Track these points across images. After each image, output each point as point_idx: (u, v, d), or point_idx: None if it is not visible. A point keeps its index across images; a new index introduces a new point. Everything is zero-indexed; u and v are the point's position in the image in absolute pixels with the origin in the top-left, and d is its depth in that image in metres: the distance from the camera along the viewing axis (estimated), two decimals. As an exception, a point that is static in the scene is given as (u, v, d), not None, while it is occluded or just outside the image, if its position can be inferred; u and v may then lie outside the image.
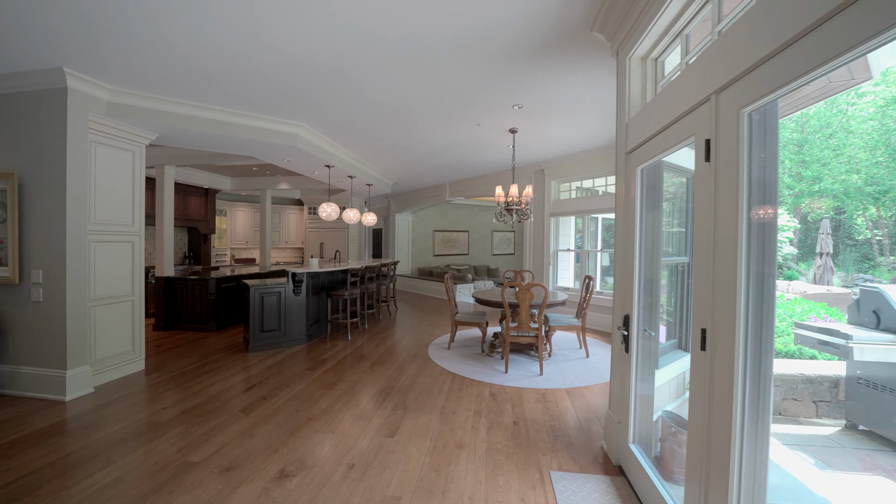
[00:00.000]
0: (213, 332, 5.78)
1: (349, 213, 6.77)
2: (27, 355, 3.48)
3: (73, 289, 3.44)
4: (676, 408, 2.81)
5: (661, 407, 2.54)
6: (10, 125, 3.48)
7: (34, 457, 2.49)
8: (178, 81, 3.49)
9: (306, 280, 5.20)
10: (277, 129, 4.53)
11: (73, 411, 3.15)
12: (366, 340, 5.40)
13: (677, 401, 2.86)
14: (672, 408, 2.76)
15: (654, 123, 1.98)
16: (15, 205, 3.41)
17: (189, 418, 3.04)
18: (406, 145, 5.64)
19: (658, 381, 2.44)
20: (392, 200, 11.03)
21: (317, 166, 5.80)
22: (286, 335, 5.04)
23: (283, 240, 10.12)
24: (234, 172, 7.85)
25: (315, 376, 3.98)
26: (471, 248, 12.85)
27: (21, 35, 2.76)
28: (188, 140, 4.44)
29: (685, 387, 3.04)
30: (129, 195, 3.99)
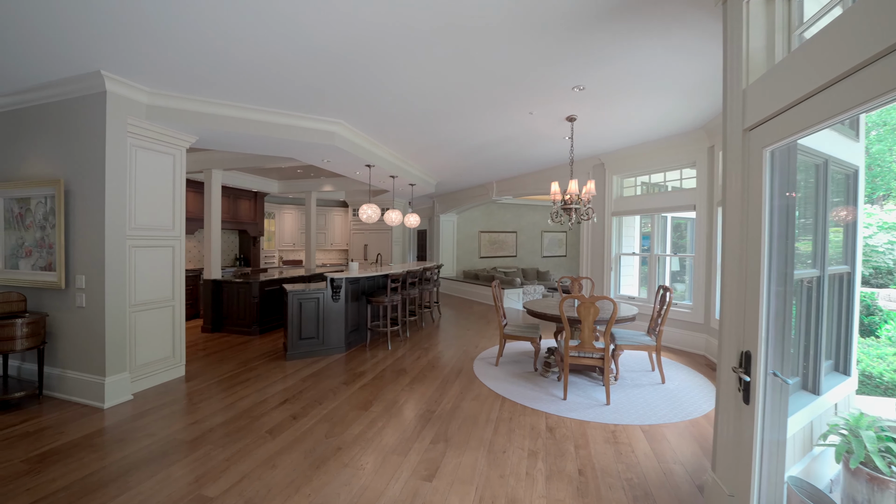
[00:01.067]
0: (256, 336, 5.73)
1: (391, 215, 6.48)
2: (72, 360, 3.48)
3: (112, 294, 3.38)
4: (803, 471, 2.11)
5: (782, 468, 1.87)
6: (57, 132, 3.50)
7: (56, 475, 2.35)
8: (215, 79, 3.32)
9: (345, 285, 4.94)
10: (314, 127, 4.29)
11: (108, 421, 3.05)
12: (406, 351, 5.04)
13: (803, 460, 2.16)
14: (798, 472, 2.07)
15: (806, 83, 1.36)
16: (61, 210, 3.41)
17: (215, 437, 2.81)
18: (450, 140, 5.21)
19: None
20: (436, 201, 10.68)
21: (357, 166, 5.54)
22: (324, 343, 4.81)
23: (328, 242, 10.14)
24: (281, 175, 7.89)
25: (350, 392, 3.65)
26: (519, 250, 12.19)
27: (58, 39, 2.67)
28: (227, 142, 4.33)
29: (813, 441, 2.31)
30: (169, 199, 3.92)
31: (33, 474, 2.37)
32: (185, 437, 2.84)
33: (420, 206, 11.72)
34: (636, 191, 6.04)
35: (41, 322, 3.42)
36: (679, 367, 4.38)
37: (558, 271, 12.77)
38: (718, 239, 4.57)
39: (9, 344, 3.23)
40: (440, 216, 10.66)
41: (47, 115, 3.54)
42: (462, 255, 11.30)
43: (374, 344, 5.33)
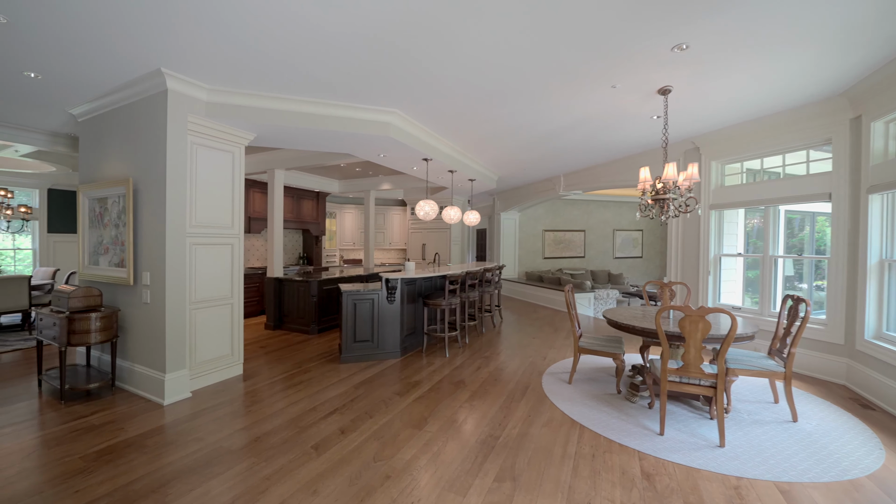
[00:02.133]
0: (314, 336, 5.68)
1: (449, 212, 6.10)
2: (139, 354, 3.55)
3: (172, 291, 3.38)
4: None
5: None
6: (127, 133, 3.60)
7: (104, 478, 2.27)
8: (269, 70, 3.17)
9: (401, 286, 4.64)
10: (368, 118, 4.03)
11: (164, 419, 3.01)
12: (466, 359, 4.61)
13: None
14: None
15: None
16: (130, 208, 3.49)
17: (260, 449, 2.60)
18: (515, 128, 4.68)
19: None
20: (497, 198, 10.14)
21: (414, 160, 5.24)
22: (379, 347, 4.55)
23: (386, 241, 10.09)
24: (341, 175, 7.91)
25: (404, 405, 3.30)
26: (587, 250, 11.20)
27: (120, 35, 2.65)
28: (284, 138, 4.23)
29: None
30: (228, 197, 3.89)
31: (85, 474, 2.32)
32: (232, 445, 2.67)
33: (480, 204, 11.25)
34: (741, 179, 5.01)
35: (113, 317, 3.53)
36: (812, 399, 3.43)
37: (633, 274, 11.55)
38: (872, 235, 3.51)
39: (85, 337, 3.35)
40: (501, 214, 10.10)
41: (119, 118, 3.66)
42: (524, 256, 10.63)
43: (431, 350, 4.97)
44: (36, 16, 2.44)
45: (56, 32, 2.63)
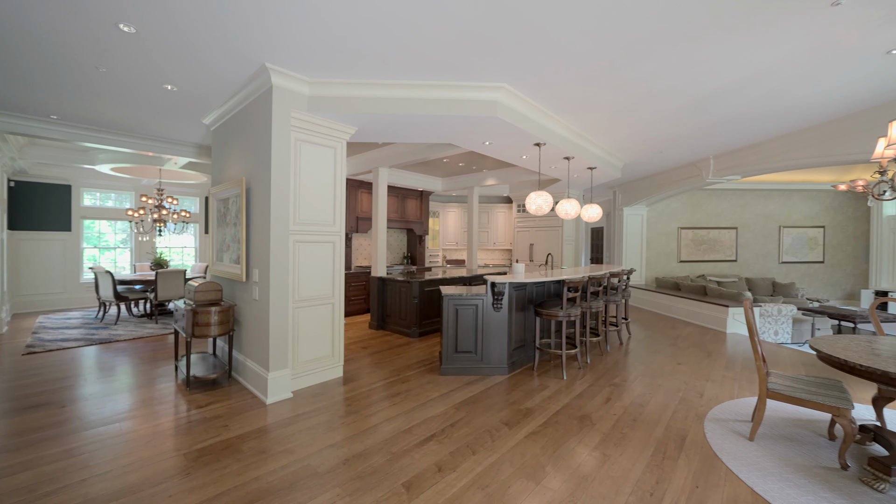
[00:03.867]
0: (415, 339, 5.39)
1: (565, 206, 5.22)
2: (250, 350, 3.61)
3: (276, 289, 3.32)
4: None
5: None
6: (243, 135, 3.70)
7: (195, 485, 2.13)
8: (366, 48, 2.85)
9: (509, 292, 3.99)
10: (472, 97, 3.48)
11: (263, 421, 2.90)
12: (589, 385, 3.72)
13: None
14: None
15: None
16: (243, 207, 3.56)
17: (347, 476, 2.24)
18: (656, 93, 3.63)
19: None
20: (618, 191, 8.73)
21: (524, 146, 4.53)
22: (483, 360, 3.97)
23: (490, 241, 9.52)
24: (445, 171, 7.61)
25: (513, 442, 2.65)
26: (741, 252, 8.94)
27: (228, 33, 2.59)
28: (384, 129, 3.96)
29: None
30: (330, 194, 3.76)
31: (182, 476, 2.23)
32: (320, 465, 2.36)
33: (597, 198, 9.92)
34: None
35: (230, 311, 3.65)
36: None
37: (810, 284, 8.85)
38: None
39: (206, 329, 3.50)
40: (624, 209, 8.66)
41: (238, 122, 3.80)
42: (654, 258, 8.95)
43: (544, 368, 4.20)
44: (159, 23, 2.49)
45: (176, 39, 2.69)
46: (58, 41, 2.75)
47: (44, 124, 4.40)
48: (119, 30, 2.60)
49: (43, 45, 2.81)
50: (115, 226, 7.98)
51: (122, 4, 2.34)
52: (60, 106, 4.02)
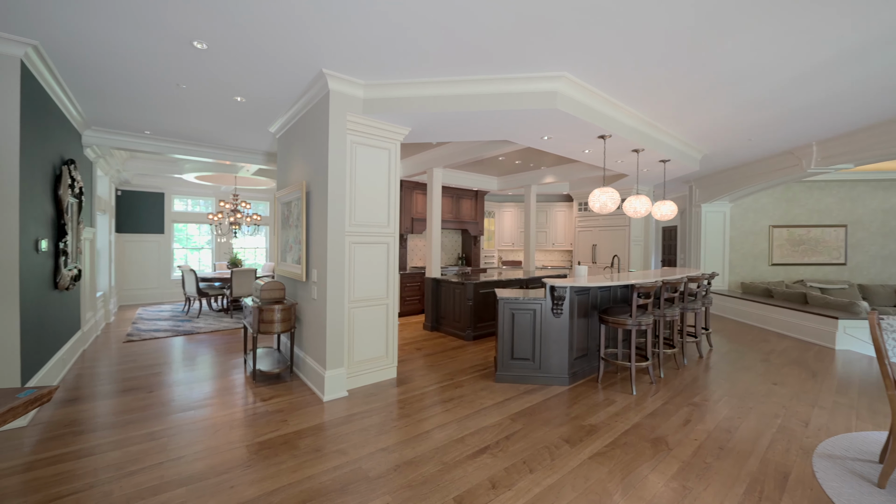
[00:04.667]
0: (469, 342, 5.27)
1: (634, 203, 4.77)
2: (309, 347, 3.73)
3: (332, 288, 3.38)
4: None
5: None
6: (304, 140, 3.84)
7: (253, 479, 2.19)
8: (419, 46, 2.79)
9: (570, 296, 3.71)
10: (529, 89, 3.28)
11: (320, 419, 2.95)
12: (663, 402, 3.33)
13: None
14: None
15: None
16: (304, 209, 3.69)
17: (398, 484, 2.17)
18: (746, 70, 3.14)
19: None
20: (695, 186, 7.88)
21: (586, 140, 4.20)
22: (541, 368, 3.73)
23: (549, 241, 9.10)
24: (500, 170, 7.40)
25: (576, 462, 2.41)
26: (851, 254, 7.61)
27: (287, 43, 2.67)
28: (438, 128, 3.89)
29: None
30: (384, 196, 3.77)
31: (242, 468, 2.31)
32: (371, 469, 2.33)
33: (669, 194, 9.07)
34: None
35: (292, 309, 3.80)
36: None
37: (950, 293, 7.26)
38: None
39: (270, 326, 3.68)
40: (702, 206, 7.79)
41: (299, 129, 3.96)
42: (739, 261, 7.95)
43: (609, 380, 3.84)
44: (225, 38, 2.63)
45: (241, 52, 2.83)
46: (144, 61, 3.04)
47: (139, 139, 4.96)
48: (193, 47, 2.80)
49: (133, 67, 3.12)
50: (200, 228, 8.87)
51: (194, 22, 2.50)
52: (152, 122, 4.49)
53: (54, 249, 3.51)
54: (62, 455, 2.44)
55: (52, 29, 2.60)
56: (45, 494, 2.07)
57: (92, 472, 2.26)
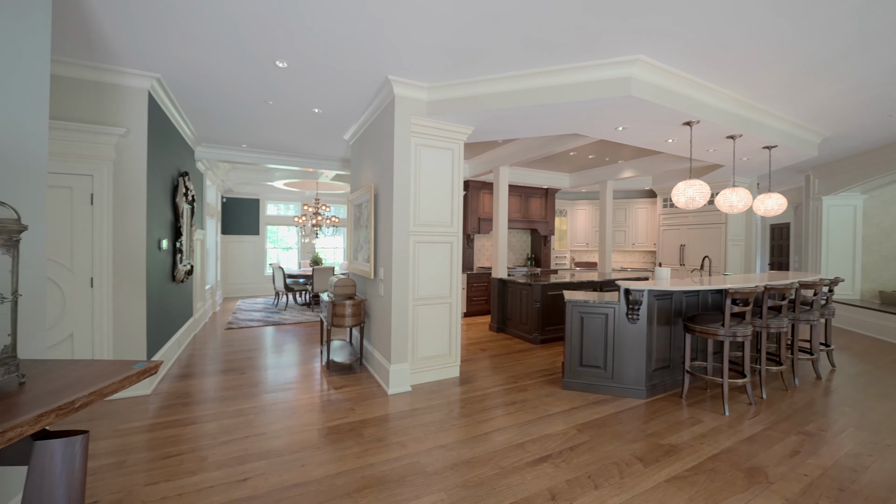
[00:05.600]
0: (536, 345, 5.08)
1: (729, 197, 4.18)
2: (376, 342, 3.90)
3: (397, 286, 3.49)
4: None
5: None
6: (373, 145, 4.05)
7: (321, 461, 2.34)
8: (482, 43, 2.76)
9: (648, 301, 3.37)
10: (599, 77, 3.05)
11: (384, 410, 3.06)
12: (764, 428, 2.85)
13: None
14: None
15: None
16: (372, 210, 3.88)
17: (453, 482, 2.15)
18: (882, 29, 2.55)
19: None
20: (814, 175, 6.67)
21: (669, 128, 3.79)
22: (613, 378, 3.44)
23: (628, 241, 8.41)
24: (572, 166, 7.03)
25: (649, 483, 2.17)
26: None
27: (356, 55, 2.85)
28: (502, 125, 3.81)
29: None
30: (448, 195, 3.80)
31: (312, 450, 2.47)
32: (428, 464, 2.35)
33: (778, 185, 7.82)
34: None
35: (362, 305, 4.02)
36: None
37: None
38: None
39: (342, 320, 3.93)
40: (823, 199, 6.57)
41: (369, 135, 4.18)
42: (874, 265, 6.54)
43: (696, 397, 3.41)
44: (302, 55, 2.88)
45: (316, 67, 3.07)
46: (238, 83, 3.44)
47: (238, 152, 5.66)
48: (276, 66, 3.10)
49: (230, 89, 3.56)
50: (289, 230, 9.87)
51: (276, 43, 2.77)
52: (247, 136, 5.09)
53: (172, 248, 4.15)
54: (172, 421, 2.86)
55: (169, 63, 3.08)
56: (158, 452, 2.44)
57: (193, 439, 2.62)
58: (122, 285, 3.21)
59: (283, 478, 2.20)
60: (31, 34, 1.69)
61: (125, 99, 3.20)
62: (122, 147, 3.19)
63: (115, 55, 2.94)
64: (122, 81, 3.17)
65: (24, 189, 1.64)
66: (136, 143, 3.23)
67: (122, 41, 2.76)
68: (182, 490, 2.08)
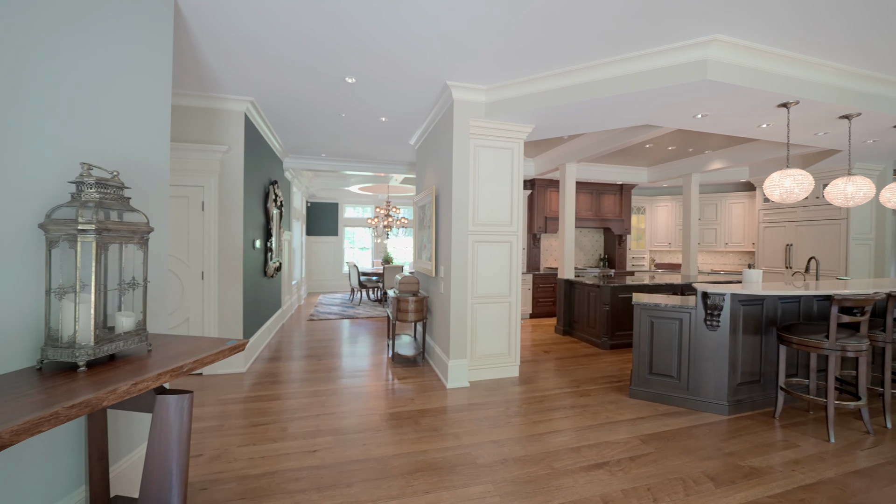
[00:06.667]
0: (604, 351, 4.82)
1: (844, 188, 3.54)
2: (437, 337, 4.05)
3: (456, 284, 3.60)
4: None
5: None
6: (434, 149, 4.21)
7: (383, 441, 2.53)
8: (541, 38, 2.76)
9: (731, 305, 3.03)
10: (669, 63, 2.82)
11: (441, 403, 3.19)
12: (882, 462, 2.39)
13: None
14: None
15: None
16: (433, 211, 4.04)
17: (502, 477, 2.18)
18: None
19: None
20: (979, 157, 5.30)
21: (761, 112, 3.34)
22: (689, 389, 3.15)
23: (720, 240, 7.51)
24: (650, 159, 6.50)
25: (719, 506, 1.97)
26: None
27: (419, 65, 3.04)
28: (564, 122, 3.70)
29: None
30: (507, 195, 3.80)
31: (373, 432, 2.68)
32: (479, 456, 2.41)
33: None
34: None
35: (424, 301, 4.20)
36: None
37: None
38: None
39: (405, 315, 4.15)
40: None
41: (431, 139, 4.36)
42: None
43: (793, 418, 2.97)
44: (367, 70, 3.13)
45: (379, 79, 3.32)
46: (316, 100, 3.84)
47: (318, 161, 6.27)
48: (346, 82, 3.41)
49: (308, 106, 3.98)
50: (365, 231, 10.61)
51: (345, 62, 3.06)
52: (325, 146, 5.62)
53: (264, 247, 4.76)
54: (261, 396, 3.30)
55: (260, 86, 3.56)
56: (249, 420, 2.85)
57: (276, 412, 3.00)
58: (224, 278, 3.79)
59: (347, 453, 2.43)
60: (158, 79, 2.11)
61: (226, 121, 3.78)
62: (224, 161, 3.77)
63: (218, 85, 3.49)
64: (224, 106, 3.75)
65: (152, 199, 2.06)
66: (235, 157, 3.79)
67: (223, 73, 3.27)
68: (265, 454, 2.42)
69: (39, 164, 1.45)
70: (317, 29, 2.62)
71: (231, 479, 2.16)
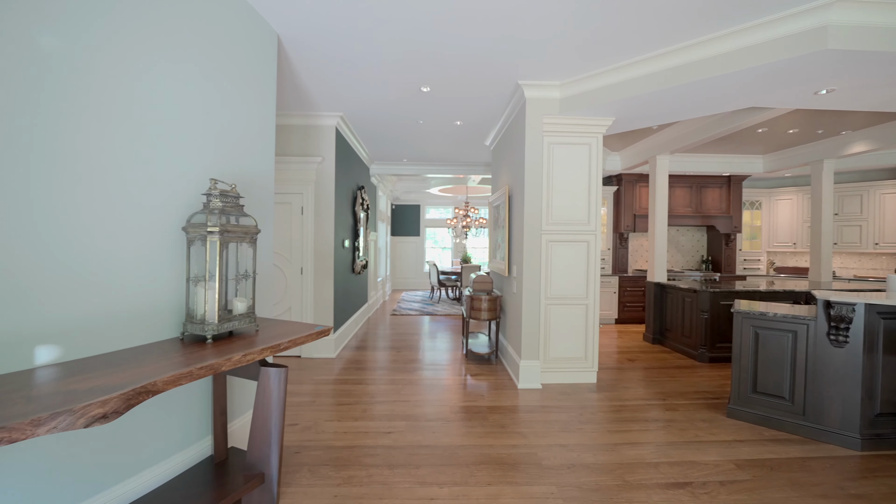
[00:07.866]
0: (701, 364, 4.31)
1: None
2: (510, 336, 4.06)
3: (528, 284, 3.57)
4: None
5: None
6: (508, 149, 4.22)
7: (448, 433, 2.65)
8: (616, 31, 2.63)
9: (866, 318, 2.50)
10: (771, 36, 2.44)
11: (511, 402, 3.20)
12: None
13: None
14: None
15: None
16: (507, 210, 4.05)
17: (568, 482, 2.14)
18: None
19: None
20: None
21: (918, 76, 2.68)
22: (805, 415, 2.68)
23: (867, 240, 6.12)
24: (766, 145, 5.60)
25: (833, 553, 1.67)
26: None
27: (485, 66, 3.13)
28: (648, 111, 3.42)
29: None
30: (584, 193, 3.64)
31: (442, 422, 2.81)
32: (543, 458, 2.38)
33: None
34: None
35: (497, 300, 4.24)
36: None
37: None
38: None
39: (478, 313, 4.23)
40: None
41: (505, 139, 4.39)
42: None
43: (960, 463, 2.34)
44: (439, 78, 3.30)
45: (451, 85, 3.46)
46: (396, 110, 4.14)
47: (400, 166, 6.69)
48: (421, 91, 3.62)
49: (390, 116, 4.31)
50: (446, 231, 10.97)
51: (420, 73, 3.26)
52: (406, 152, 5.98)
53: (352, 246, 5.26)
54: (347, 380, 3.68)
55: (348, 102, 3.96)
56: (336, 400, 3.21)
57: (358, 395, 3.32)
58: (318, 274, 4.29)
59: (417, 438, 2.60)
60: (265, 106, 2.52)
61: (321, 135, 4.28)
62: (319, 171, 4.27)
63: (313, 104, 3.98)
64: (318, 122, 4.25)
65: (261, 205, 2.47)
66: (327, 167, 4.27)
67: (318, 93, 3.72)
68: (347, 430, 2.71)
69: (184, 182, 1.86)
70: (394, 48, 2.85)
71: (319, 448, 2.48)
